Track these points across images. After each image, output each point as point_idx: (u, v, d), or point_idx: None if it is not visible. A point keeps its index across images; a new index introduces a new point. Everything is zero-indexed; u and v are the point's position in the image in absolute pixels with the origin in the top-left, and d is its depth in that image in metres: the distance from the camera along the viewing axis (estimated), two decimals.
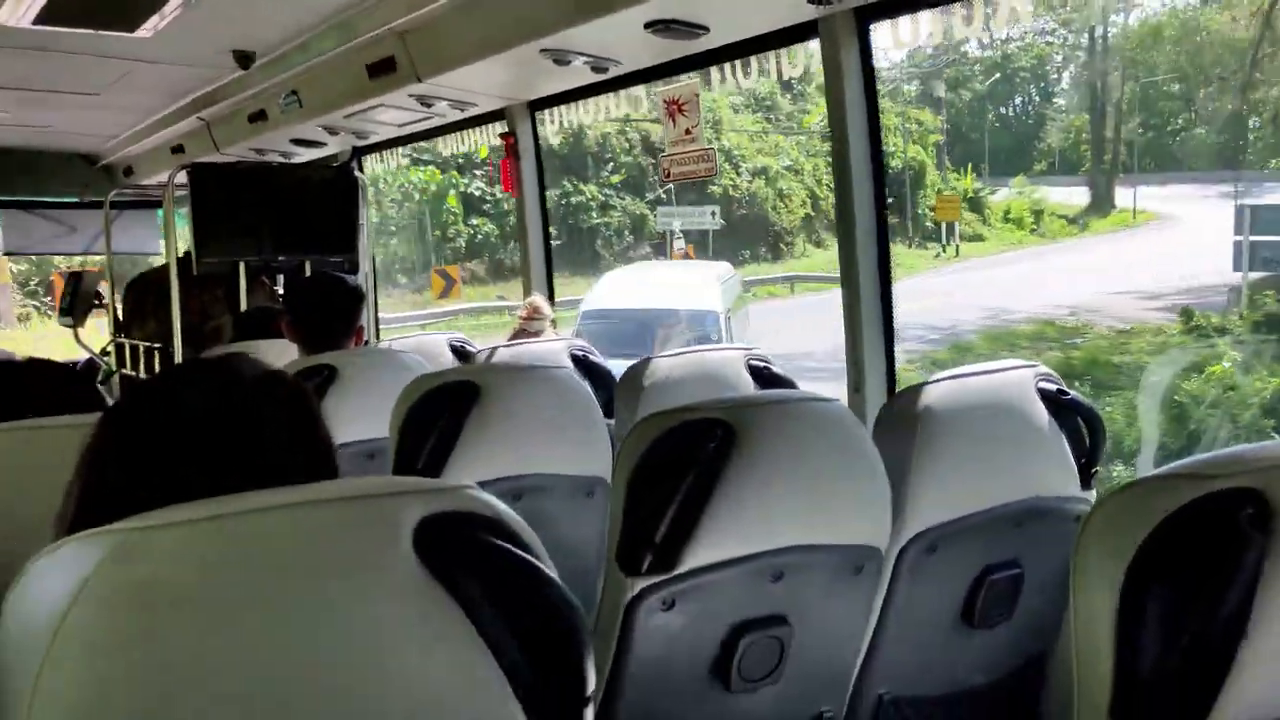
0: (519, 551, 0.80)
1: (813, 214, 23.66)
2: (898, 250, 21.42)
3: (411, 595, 0.77)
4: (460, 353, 3.34)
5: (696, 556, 1.52)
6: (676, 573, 1.52)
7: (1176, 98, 25.30)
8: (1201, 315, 14.21)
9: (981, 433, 1.79)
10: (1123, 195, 25.56)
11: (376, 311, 4.80)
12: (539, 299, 3.76)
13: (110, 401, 1.33)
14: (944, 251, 23.76)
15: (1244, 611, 0.87)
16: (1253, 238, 13.07)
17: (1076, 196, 25.91)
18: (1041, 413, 1.84)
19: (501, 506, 0.83)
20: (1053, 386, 1.87)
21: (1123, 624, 0.89)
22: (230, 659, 0.73)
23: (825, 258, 21.09)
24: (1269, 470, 0.91)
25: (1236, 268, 13.71)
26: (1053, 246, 24.05)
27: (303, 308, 2.75)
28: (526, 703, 0.80)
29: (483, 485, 2.38)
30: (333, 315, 2.69)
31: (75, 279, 5.37)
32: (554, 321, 3.76)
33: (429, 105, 3.62)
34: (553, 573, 0.81)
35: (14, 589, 0.74)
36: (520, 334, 3.60)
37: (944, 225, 23.89)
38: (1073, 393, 1.90)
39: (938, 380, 1.82)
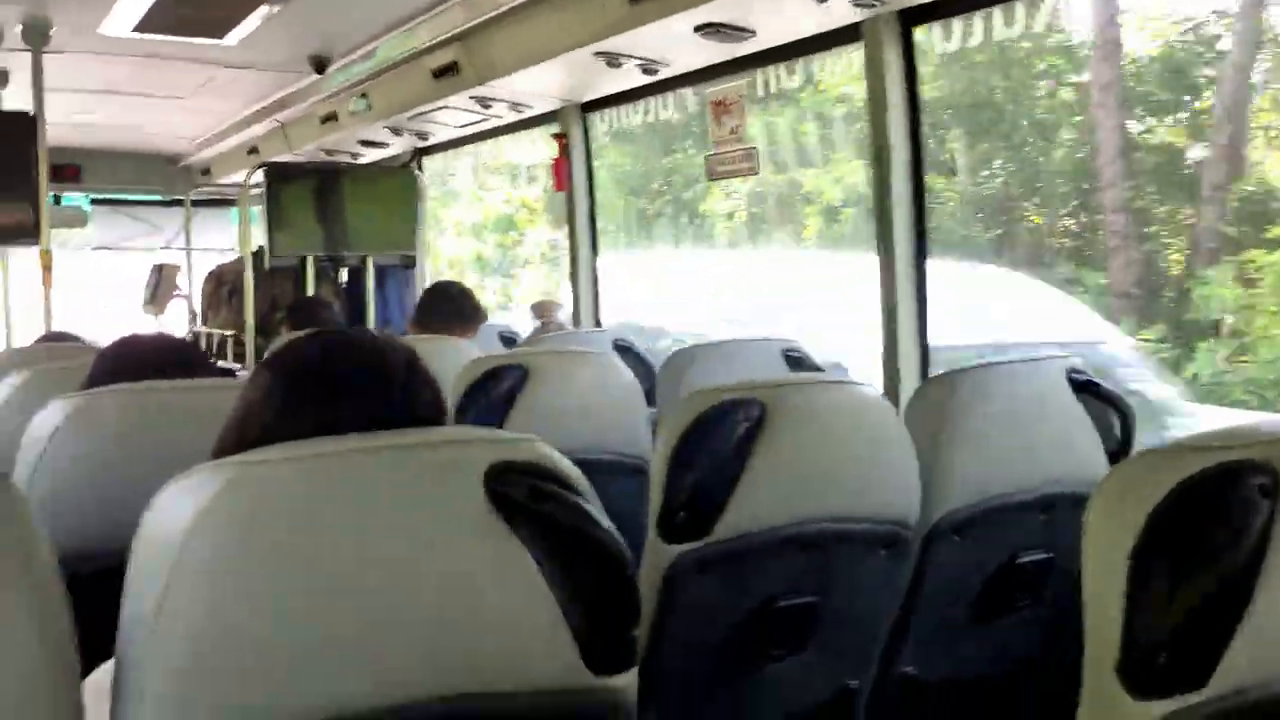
0: (575, 498, 0.88)
1: None
2: None
3: (480, 532, 0.85)
4: (509, 341, 3.50)
5: (730, 525, 1.60)
6: (711, 540, 1.61)
7: None
8: None
9: (1011, 419, 1.84)
10: None
11: None
12: (543, 299, 3.92)
13: None
14: None
15: (1250, 577, 0.90)
16: None
17: None
18: (1072, 402, 1.89)
19: (561, 458, 0.91)
20: (1084, 377, 1.92)
21: (1132, 589, 0.93)
22: (325, 580, 0.81)
23: None
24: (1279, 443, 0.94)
25: None
26: None
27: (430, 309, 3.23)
28: (579, 636, 0.88)
29: None
30: (452, 318, 3.13)
31: (158, 271, 5.65)
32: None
33: (488, 106, 3.78)
34: (605, 519, 0.89)
35: (145, 515, 0.82)
36: (542, 331, 3.71)
37: None
38: (1104, 383, 1.94)
39: (970, 368, 1.88)
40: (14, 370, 1.93)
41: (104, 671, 0.91)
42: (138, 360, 1.59)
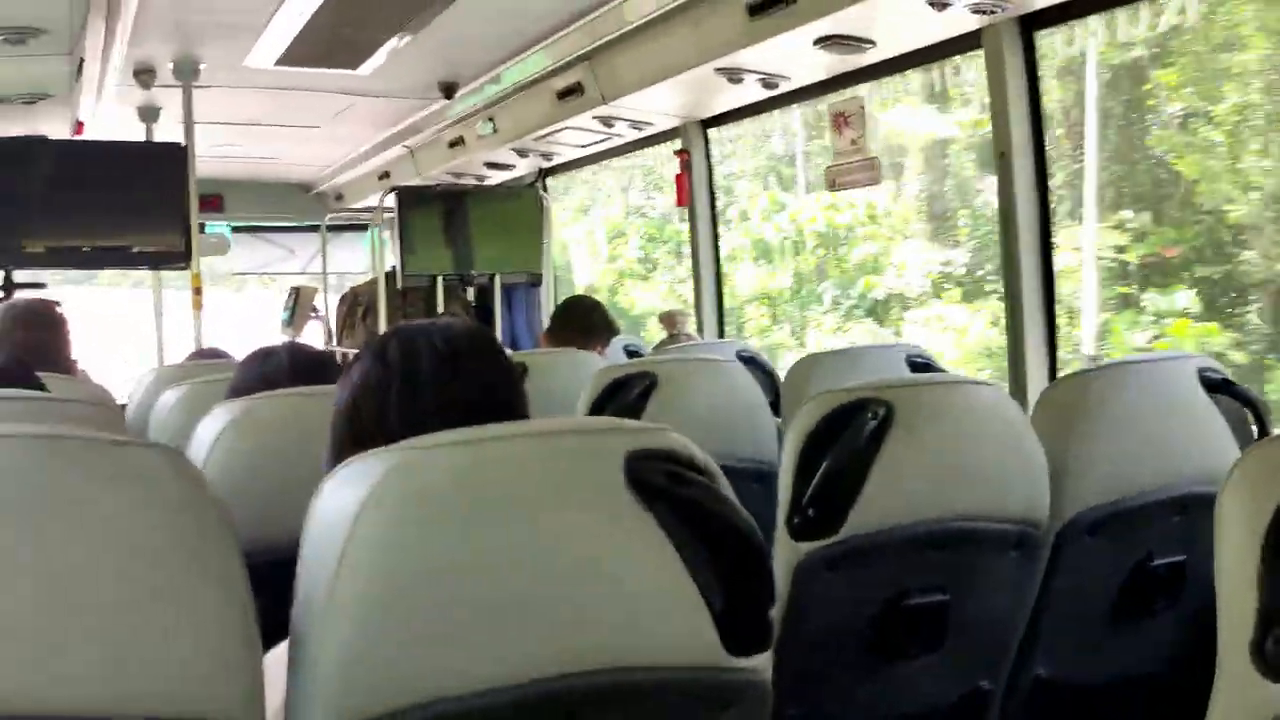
0: (710, 483, 0.94)
1: None
2: None
3: (622, 515, 0.91)
4: (632, 354, 3.59)
5: (858, 523, 1.63)
6: (840, 538, 1.64)
7: None
8: None
9: (1142, 419, 1.82)
10: None
11: None
12: (672, 309, 4.00)
13: None
14: None
15: None
16: None
17: None
18: (1204, 401, 1.86)
19: (694, 446, 0.97)
20: (1217, 376, 1.89)
21: (1265, 570, 0.93)
22: (485, 557, 0.88)
23: None
24: None
25: None
26: None
27: (562, 322, 3.41)
28: (717, 617, 0.93)
29: None
30: (583, 331, 3.30)
31: (295, 293, 5.96)
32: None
33: (610, 126, 3.90)
34: (738, 504, 0.94)
35: (314, 503, 0.88)
36: (670, 342, 3.81)
37: None
38: (1238, 383, 1.91)
39: (1100, 367, 1.87)
40: (172, 383, 2.11)
41: (282, 648, 1.01)
42: (275, 368, 1.76)
